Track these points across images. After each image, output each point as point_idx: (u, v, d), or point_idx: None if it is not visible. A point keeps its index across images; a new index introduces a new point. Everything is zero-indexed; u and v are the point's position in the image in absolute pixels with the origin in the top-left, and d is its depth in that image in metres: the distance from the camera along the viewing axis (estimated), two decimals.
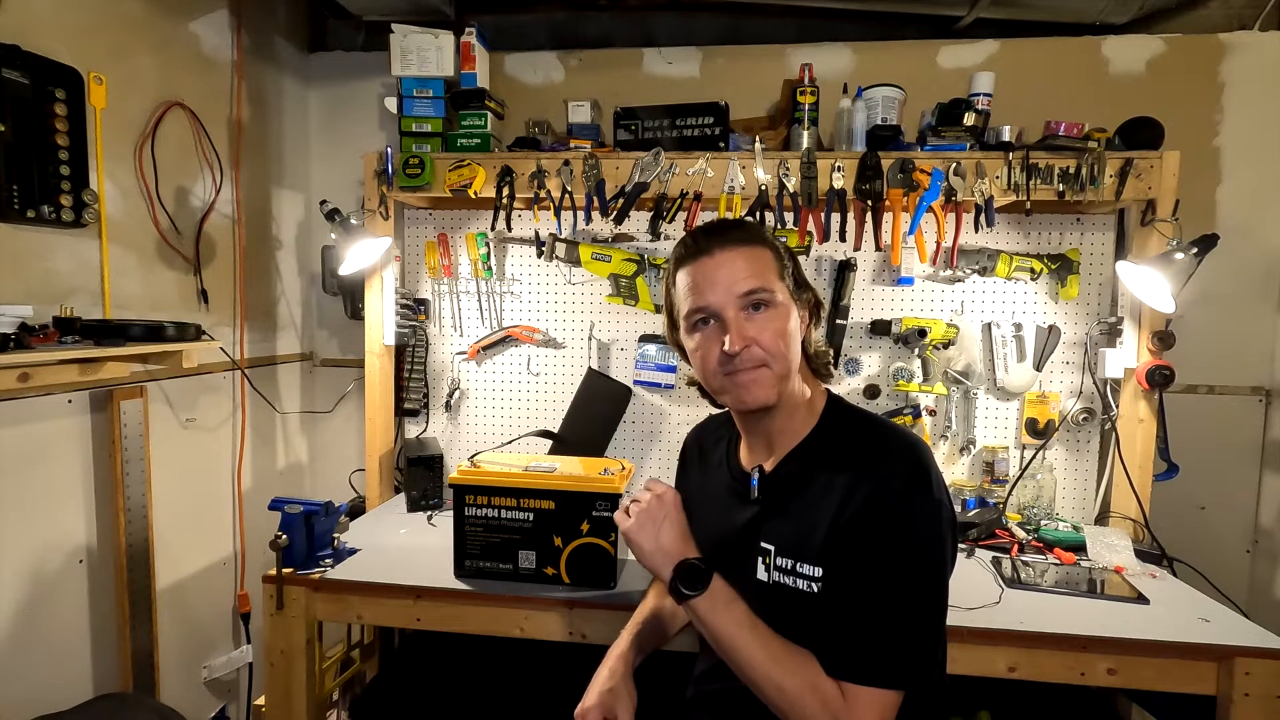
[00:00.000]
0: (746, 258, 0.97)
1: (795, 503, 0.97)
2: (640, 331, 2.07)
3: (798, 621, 0.92)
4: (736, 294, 0.96)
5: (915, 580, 0.87)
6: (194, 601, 1.89)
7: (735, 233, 1.00)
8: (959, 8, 1.93)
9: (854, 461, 0.93)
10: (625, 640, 1.14)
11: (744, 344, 0.94)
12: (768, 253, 0.99)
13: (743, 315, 0.96)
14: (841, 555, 0.90)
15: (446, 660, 1.84)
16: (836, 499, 0.91)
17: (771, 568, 0.97)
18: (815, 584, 0.92)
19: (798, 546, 0.95)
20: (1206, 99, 1.95)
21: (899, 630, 0.86)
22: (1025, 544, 1.74)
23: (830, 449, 0.98)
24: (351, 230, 1.89)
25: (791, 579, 0.94)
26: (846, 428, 1.00)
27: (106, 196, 1.58)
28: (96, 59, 1.54)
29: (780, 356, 0.96)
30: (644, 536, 0.94)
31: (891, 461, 0.91)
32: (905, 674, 0.86)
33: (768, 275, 0.97)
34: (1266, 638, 1.29)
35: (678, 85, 2.14)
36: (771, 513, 1.00)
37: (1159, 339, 1.73)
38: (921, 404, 1.96)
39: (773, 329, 0.96)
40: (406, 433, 2.18)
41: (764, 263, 0.98)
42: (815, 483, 0.96)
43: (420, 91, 1.96)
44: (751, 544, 1.01)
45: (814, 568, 0.92)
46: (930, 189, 1.71)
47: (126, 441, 1.61)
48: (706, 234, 1.01)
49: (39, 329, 1.32)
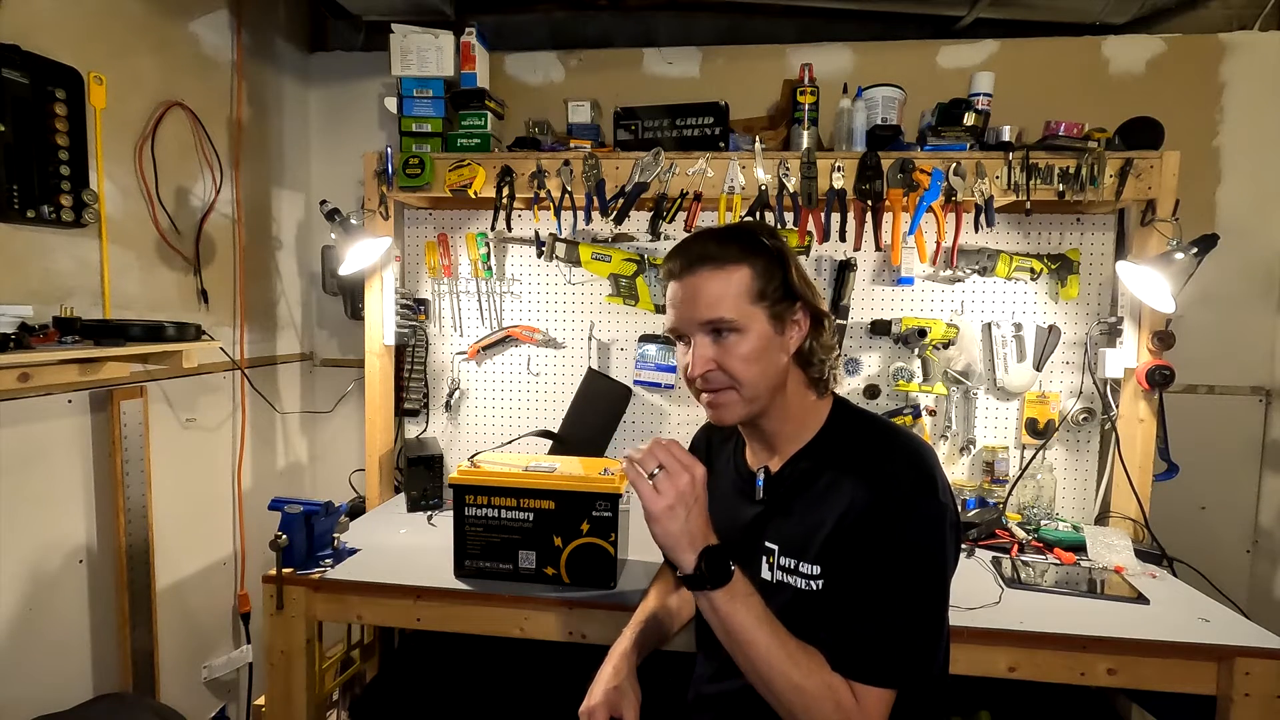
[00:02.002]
0: (716, 282, 0.95)
1: (799, 503, 0.98)
2: (640, 331, 2.07)
3: (799, 618, 0.92)
4: (697, 321, 0.96)
5: (917, 582, 0.88)
6: (194, 601, 1.89)
7: (714, 251, 0.97)
8: (959, 8, 1.93)
9: (859, 464, 0.94)
10: (627, 639, 1.14)
11: (704, 367, 0.96)
12: (744, 271, 0.96)
13: (707, 339, 0.97)
14: (844, 555, 0.90)
15: (446, 660, 1.84)
16: (841, 500, 0.92)
17: (775, 567, 0.98)
18: (815, 582, 0.93)
19: (800, 546, 0.95)
20: (1206, 99, 1.95)
21: (901, 631, 0.87)
22: (1025, 544, 1.74)
23: (836, 451, 0.99)
24: (351, 230, 1.89)
25: (793, 578, 0.95)
26: (853, 431, 1.00)
27: (106, 196, 1.58)
28: (96, 59, 1.54)
29: (747, 381, 0.96)
30: (674, 517, 0.86)
31: (897, 465, 0.92)
32: (906, 673, 0.88)
33: (736, 301, 0.95)
34: (1266, 638, 1.29)
35: (678, 85, 2.14)
36: (776, 513, 1.01)
37: (1159, 339, 1.73)
38: (921, 404, 1.96)
39: (737, 354, 0.95)
40: (406, 433, 2.18)
41: (736, 286, 0.95)
42: (820, 484, 0.96)
43: (420, 91, 1.96)
44: (756, 543, 1.01)
45: (813, 566, 0.93)
46: (930, 189, 1.71)
47: (126, 441, 1.61)
48: (686, 250, 0.99)
49: (39, 329, 1.32)
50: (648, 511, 0.87)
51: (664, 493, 0.86)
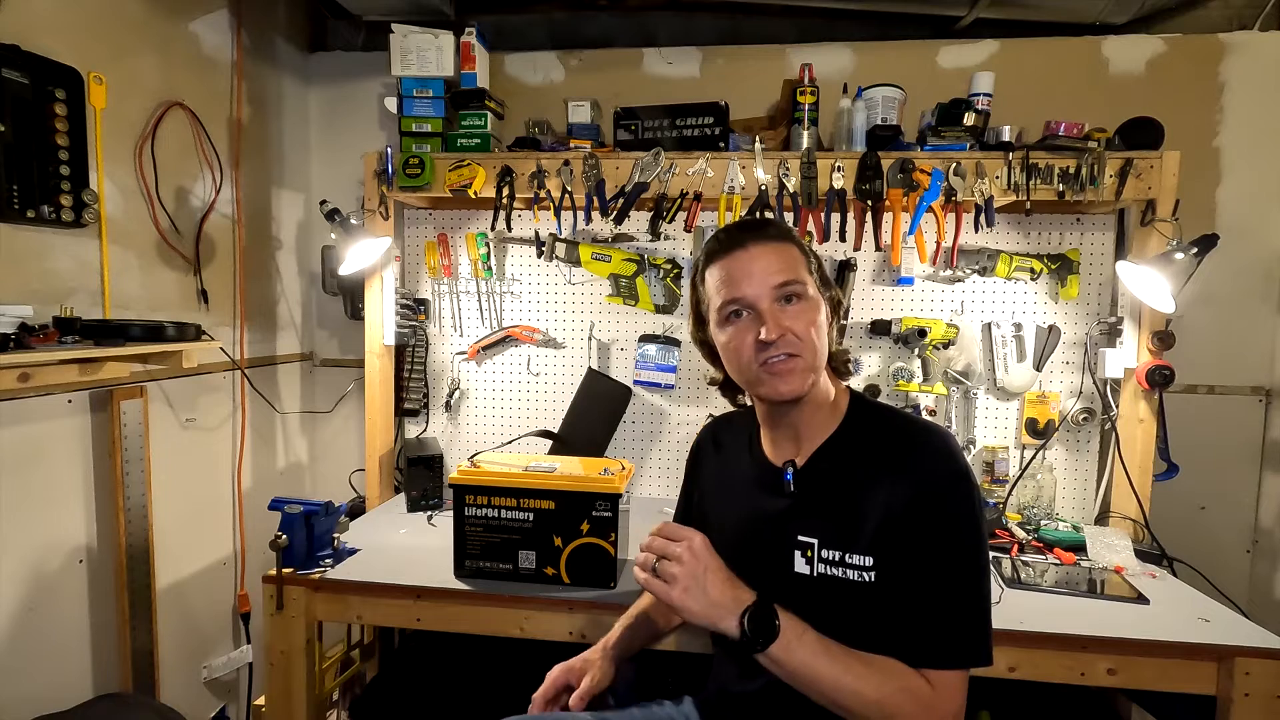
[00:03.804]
0: (778, 252, 1.00)
1: (835, 496, 0.99)
2: (640, 331, 2.07)
3: (850, 611, 0.94)
4: (771, 285, 0.98)
5: (972, 559, 0.91)
6: (194, 601, 1.89)
7: (767, 229, 1.03)
8: (959, 8, 1.93)
9: (892, 455, 0.96)
10: (615, 632, 1.20)
11: (780, 332, 0.96)
12: (796, 249, 1.02)
13: (777, 306, 0.98)
14: (898, 546, 0.92)
15: (446, 660, 1.84)
16: (882, 492, 0.94)
17: (815, 560, 0.98)
18: (868, 574, 0.93)
19: (845, 538, 0.96)
20: (1206, 99, 1.95)
21: (967, 610, 0.90)
22: (1025, 544, 1.74)
23: (864, 443, 1.00)
24: (351, 230, 1.89)
25: (841, 570, 0.96)
26: (876, 423, 1.02)
27: (106, 196, 1.58)
28: (96, 59, 1.54)
29: (812, 347, 0.98)
30: (692, 599, 0.88)
31: (930, 452, 0.94)
32: (981, 649, 0.90)
33: (799, 269, 1.00)
34: (1266, 638, 1.29)
35: (678, 85, 2.14)
36: (807, 507, 1.01)
37: (1159, 339, 1.73)
38: (921, 404, 1.95)
39: (805, 320, 0.98)
40: (406, 433, 2.18)
41: (794, 258, 1.01)
42: (855, 476, 0.98)
43: (420, 91, 1.96)
44: (786, 537, 1.01)
45: (865, 558, 0.94)
46: (930, 189, 1.71)
47: (126, 441, 1.61)
48: (739, 229, 1.04)
49: (39, 329, 1.32)
50: (669, 605, 0.89)
51: (672, 580, 0.88)
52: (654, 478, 2.14)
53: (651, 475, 2.14)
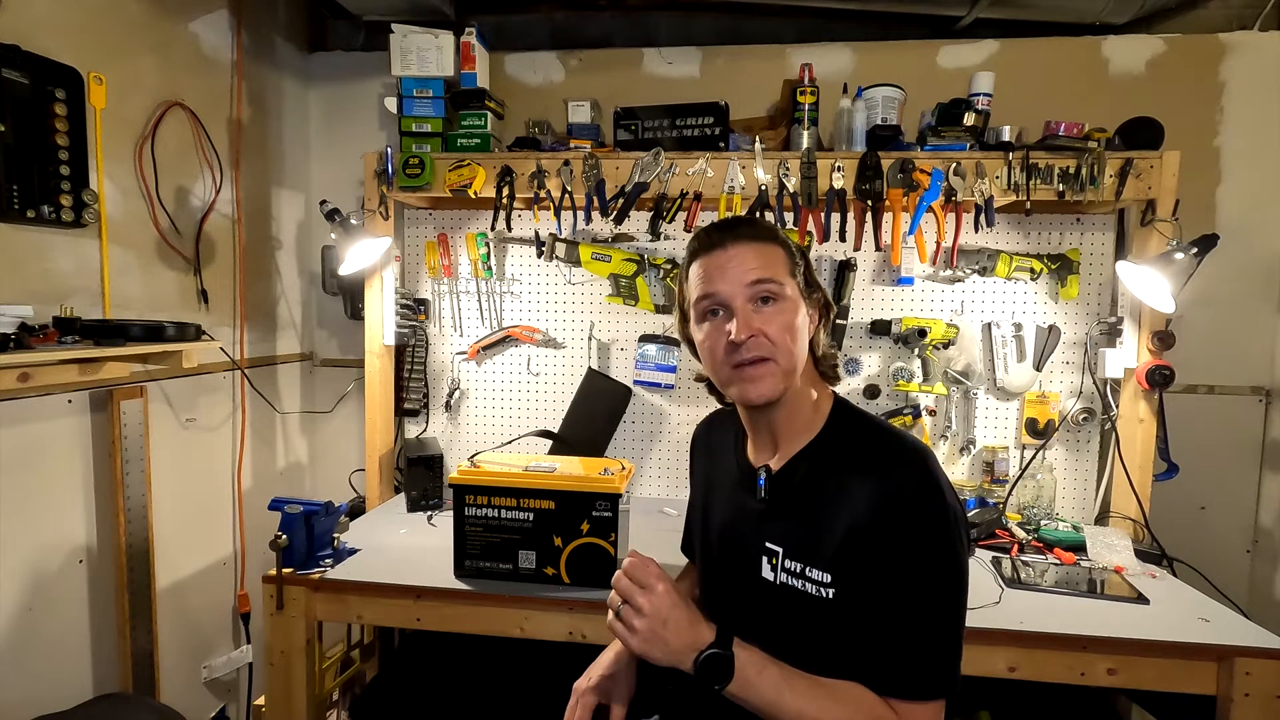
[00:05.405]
0: (757, 252, 0.98)
1: (804, 506, 0.96)
2: (640, 331, 2.07)
3: (806, 624, 0.92)
4: (744, 283, 0.96)
5: (943, 588, 0.87)
6: (194, 601, 1.89)
7: (748, 229, 1.01)
8: (959, 8, 1.93)
9: (865, 468, 0.92)
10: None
11: (749, 333, 0.94)
12: (779, 250, 1.00)
13: (750, 306, 0.96)
14: (859, 567, 0.89)
15: (446, 660, 1.83)
16: (849, 506, 0.90)
17: (779, 569, 0.97)
18: (826, 589, 0.91)
19: (807, 550, 0.94)
20: (1206, 99, 1.95)
21: (937, 641, 0.86)
22: (1025, 544, 1.74)
23: (839, 453, 0.97)
24: (351, 230, 1.89)
25: (800, 582, 0.94)
26: (854, 432, 0.99)
27: (106, 196, 1.58)
28: (96, 59, 1.54)
29: (786, 351, 0.95)
30: (653, 648, 0.88)
31: (903, 469, 0.90)
32: (950, 681, 0.86)
33: (777, 269, 0.98)
34: (1266, 638, 1.29)
35: (678, 85, 2.14)
36: (778, 513, 0.99)
37: (1159, 339, 1.73)
38: (921, 404, 1.96)
39: (779, 322, 0.96)
40: (406, 433, 2.18)
41: (775, 258, 0.99)
42: (825, 487, 0.95)
43: (420, 91, 1.96)
44: (757, 542, 1.00)
45: (824, 573, 0.91)
46: (930, 189, 1.71)
47: (126, 441, 1.61)
48: (720, 229, 1.02)
49: (39, 329, 1.32)
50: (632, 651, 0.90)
51: (634, 629, 0.88)
52: (654, 478, 2.14)
53: (651, 475, 2.14)
